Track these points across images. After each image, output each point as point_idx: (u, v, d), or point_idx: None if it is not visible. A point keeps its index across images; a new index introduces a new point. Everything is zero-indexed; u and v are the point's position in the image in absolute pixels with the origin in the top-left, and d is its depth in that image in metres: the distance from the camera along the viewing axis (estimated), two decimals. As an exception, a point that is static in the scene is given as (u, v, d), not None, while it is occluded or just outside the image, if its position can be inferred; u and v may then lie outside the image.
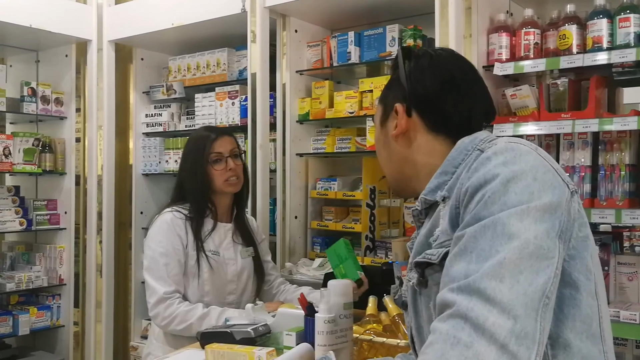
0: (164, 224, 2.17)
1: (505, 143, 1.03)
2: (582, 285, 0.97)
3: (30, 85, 3.54)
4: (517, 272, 0.87)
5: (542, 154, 1.02)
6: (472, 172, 1.01)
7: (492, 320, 0.84)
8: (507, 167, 0.96)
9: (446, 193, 1.07)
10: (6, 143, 3.42)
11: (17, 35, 3.48)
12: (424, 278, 1.08)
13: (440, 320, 0.90)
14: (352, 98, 2.87)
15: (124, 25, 3.49)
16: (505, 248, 0.89)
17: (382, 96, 1.28)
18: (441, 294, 0.93)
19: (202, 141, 2.26)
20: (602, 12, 2.10)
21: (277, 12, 2.97)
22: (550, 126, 2.13)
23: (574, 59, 2.11)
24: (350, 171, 3.17)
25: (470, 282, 0.88)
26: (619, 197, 2.06)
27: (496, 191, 0.94)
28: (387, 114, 1.23)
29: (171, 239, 2.13)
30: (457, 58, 1.25)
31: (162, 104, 3.63)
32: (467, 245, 0.93)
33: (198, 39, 3.40)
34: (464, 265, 0.91)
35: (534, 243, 0.90)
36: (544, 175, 0.96)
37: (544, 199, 0.94)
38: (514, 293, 0.86)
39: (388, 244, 2.81)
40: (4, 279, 3.46)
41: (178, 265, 2.12)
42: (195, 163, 2.24)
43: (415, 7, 2.77)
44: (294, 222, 3.04)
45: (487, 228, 0.91)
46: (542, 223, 0.92)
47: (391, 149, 1.23)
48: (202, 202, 2.24)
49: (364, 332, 1.65)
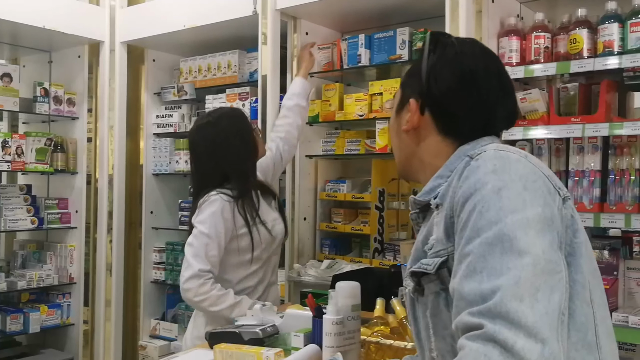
0: (210, 206, 2.18)
1: (494, 151, 1.02)
2: (575, 294, 0.96)
3: (43, 86, 3.58)
4: (534, 289, 0.86)
5: (532, 160, 1.01)
6: (463, 180, 1.00)
7: (521, 344, 0.83)
8: (497, 175, 0.96)
9: (439, 200, 1.07)
10: (19, 142, 3.45)
11: (30, 36, 3.52)
12: (420, 287, 1.08)
13: (469, 339, 0.88)
14: (362, 101, 2.87)
15: (136, 26, 3.52)
16: (518, 265, 0.87)
17: (403, 82, 1.25)
18: (462, 318, 0.91)
19: (242, 114, 2.36)
20: (613, 17, 2.10)
21: (288, 15, 2.98)
22: (560, 130, 2.13)
23: (585, 63, 2.11)
24: (360, 173, 3.18)
25: (492, 306, 0.87)
26: (628, 201, 2.05)
27: (489, 199, 0.93)
28: (403, 104, 1.21)
29: (215, 223, 2.15)
30: (486, 54, 1.19)
31: (173, 105, 3.65)
32: (476, 265, 0.91)
33: (209, 41, 3.42)
34: (476, 285, 0.90)
35: (543, 258, 0.89)
36: (534, 184, 0.96)
37: (537, 208, 0.93)
38: (537, 314, 0.85)
39: (396, 247, 2.81)
40: (15, 277, 3.50)
41: (217, 248, 2.15)
42: (245, 134, 2.28)
43: (426, 10, 2.77)
44: (303, 223, 3.05)
45: (494, 245, 0.90)
46: (544, 236, 0.91)
47: (401, 139, 1.22)
48: (252, 175, 2.30)
49: (371, 334, 1.66)
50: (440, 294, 1.04)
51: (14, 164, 3.42)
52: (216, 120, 2.31)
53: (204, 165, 2.29)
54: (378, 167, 2.93)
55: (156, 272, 3.68)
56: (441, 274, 1.03)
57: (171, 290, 3.67)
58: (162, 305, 3.74)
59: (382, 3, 2.78)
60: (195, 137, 2.34)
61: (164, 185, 3.76)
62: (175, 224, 3.62)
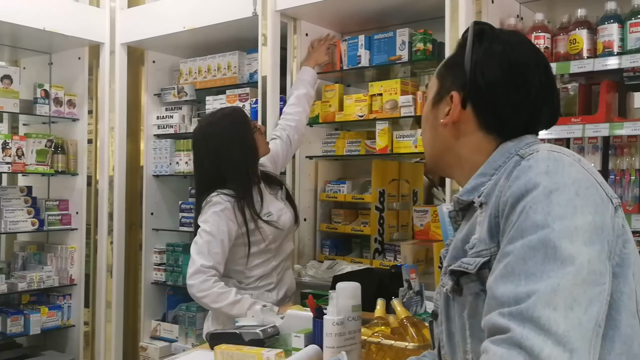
0: (213, 206, 2.23)
1: (547, 152, 0.98)
2: (623, 306, 0.93)
3: (43, 87, 3.58)
4: (571, 300, 0.84)
5: (586, 165, 0.97)
6: (513, 180, 0.96)
7: (548, 352, 0.82)
8: (549, 177, 0.92)
9: (483, 199, 1.03)
10: (19, 144, 3.45)
11: (30, 38, 3.52)
12: (458, 286, 1.05)
13: (494, 343, 0.87)
14: (362, 101, 2.88)
15: (136, 28, 3.52)
16: (559, 274, 0.85)
17: (440, 72, 1.19)
18: (491, 317, 0.89)
19: (242, 114, 2.38)
20: (613, 17, 2.10)
21: (288, 16, 2.99)
22: (560, 130, 2.13)
23: (585, 63, 2.11)
24: (360, 174, 3.18)
25: (523, 309, 0.85)
26: (629, 202, 2.05)
27: (538, 201, 0.90)
28: (442, 96, 1.15)
29: (217, 222, 2.21)
30: (535, 48, 1.14)
31: (173, 106, 3.65)
32: (514, 267, 0.89)
33: (209, 42, 3.43)
34: (511, 288, 0.87)
35: (587, 268, 0.86)
36: (587, 191, 0.92)
37: (588, 217, 0.89)
38: (570, 324, 0.83)
39: (397, 247, 2.81)
40: (15, 278, 3.50)
41: (220, 245, 2.21)
42: (243, 135, 2.29)
43: (426, 11, 2.78)
44: (303, 224, 3.05)
45: (537, 250, 0.87)
46: (593, 245, 0.88)
47: (437, 133, 1.16)
48: (252, 175, 2.31)
49: (372, 335, 1.65)
50: (480, 295, 1.01)
51: (14, 166, 3.42)
52: (217, 121, 2.34)
53: (205, 167, 2.33)
54: (378, 167, 2.93)
55: (157, 273, 3.68)
56: (482, 275, 0.99)
57: (172, 292, 3.67)
58: (162, 307, 3.74)
59: (382, 4, 2.79)
60: (196, 138, 2.38)
61: (165, 186, 3.76)
62: (175, 225, 3.62)
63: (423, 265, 2.67)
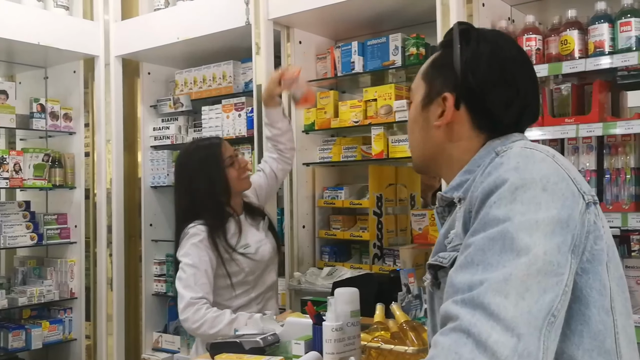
0: (191, 238, 2.23)
1: (520, 148, 1.00)
2: (592, 301, 0.94)
3: (39, 102, 3.59)
4: (524, 289, 0.85)
5: (560, 161, 0.98)
6: (485, 176, 0.98)
7: (495, 338, 0.83)
8: (518, 172, 0.94)
9: (462, 194, 1.05)
10: (16, 159, 3.46)
11: (25, 53, 3.54)
12: (437, 280, 1.07)
13: (442, 334, 0.88)
14: (357, 107, 2.89)
15: (130, 40, 3.53)
16: (513, 263, 0.87)
17: (426, 74, 1.18)
18: (445, 305, 0.91)
19: (213, 149, 2.31)
20: (603, 17, 2.11)
21: (281, 24, 3.00)
22: (554, 131, 2.14)
23: (576, 63, 2.13)
24: (357, 179, 3.18)
25: (475, 295, 0.87)
26: (625, 200, 2.06)
27: (503, 197, 0.92)
28: (432, 98, 1.15)
29: (197, 253, 2.20)
30: (520, 50, 1.16)
31: (170, 117, 3.66)
32: (473, 257, 0.91)
33: (204, 52, 3.44)
34: (468, 277, 0.90)
35: (543, 259, 0.87)
36: (555, 186, 0.93)
37: (552, 211, 0.90)
38: (519, 310, 0.84)
39: (396, 252, 2.82)
40: (16, 293, 3.50)
41: (205, 275, 2.18)
42: (212, 171, 2.27)
43: (418, 16, 2.80)
44: (302, 231, 3.05)
45: (495, 241, 0.89)
46: (553, 237, 0.89)
47: (428, 135, 1.16)
48: (224, 210, 2.29)
49: (372, 340, 1.66)
50: None
51: (12, 181, 3.43)
52: (192, 152, 2.37)
53: (180, 197, 2.37)
54: (375, 172, 2.94)
55: (157, 284, 3.68)
56: None
57: (172, 303, 3.66)
58: (164, 318, 3.73)
59: (374, 10, 2.80)
60: (175, 166, 2.45)
61: (163, 197, 3.76)
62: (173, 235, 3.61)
63: (422, 269, 2.67)
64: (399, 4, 2.72)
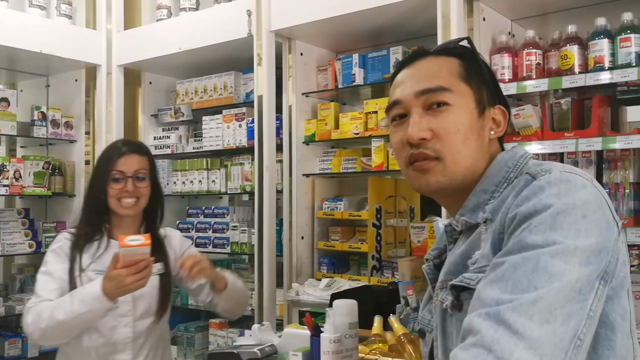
0: (53, 244, 2.05)
1: (560, 173, 0.97)
2: (618, 326, 0.93)
3: (40, 110, 3.60)
4: (549, 313, 0.84)
5: (597, 186, 0.97)
6: (523, 199, 0.95)
7: (518, 356, 0.81)
8: (559, 199, 0.92)
9: (489, 215, 1.02)
10: (17, 166, 3.46)
11: (27, 61, 3.55)
12: (459, 301, 1.03)
13: (462, 349, 0.86)
14: (357, 119, 2.90)
15: (132, 50, 3.55)
16: (545, 286, 0.85)
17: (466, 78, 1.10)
18: (468, 318, 0.89)
19: (109, 154, 2.05)
20: (603, 33, 2.13)
21: (283, 36, 3.02)
22: (553, 145, 2.14)
23: (576, 78, 2.14)
24: (356, 191, 3.19)
25: (500, 311, 0.85)
26: (624, 215, 2.06)
27: (544, 221, 0.90)
28: (484, 106, 1.10)
29: (53, 257, 2.00)
30: None
31: (170, 126, 3.67)
32: (505, 273, 0.89)
33: (205, 63, 3.45)
34: (497, 292, 0.88)
35: (573, 287, 0.86)
36: (594, 214, 0.91)
37: (591, 239, 0.89)
38: (544, 332, 0.83)
39: (395, 264, 2.81)
40: (13, 301, 3.49)
41: (58, 281, 1.94)
42: (97, 176, 2.04)
43: (418, 29, 2.81)
44: (301, 242, 3.05)
45: (529, 260, 0.88)
46: (588, 265, 0.88)
47: (484, 143, 1.10)
48: (95, 219, 2.03)
49: (369, 352, 1.65)
50: None
51: (11, 188, 3.43)
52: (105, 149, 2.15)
53: None
54: (374, 184, 2.94)
55: (155, 293, 3.66)
56: None
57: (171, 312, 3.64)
58: (161, 327, 3.71)
59: (375, 23, 2.82)
60: None
61: (162, 206, 3.75)
62: (173, 245, 3.61)
63: (421, 281, 2.66)
64: (400, 17, 2.73)
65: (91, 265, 1.97)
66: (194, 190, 3.53)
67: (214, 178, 3.44)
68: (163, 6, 3.57)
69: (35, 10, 3.39)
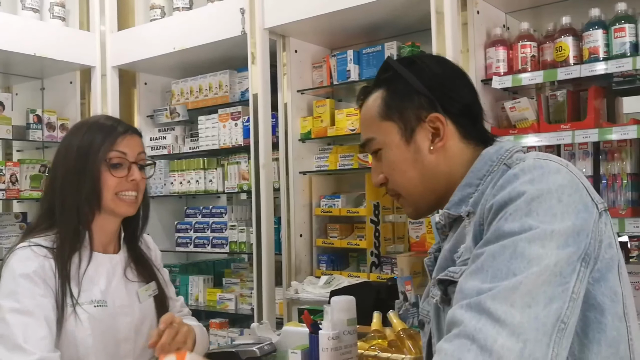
0: (19, 264, 1.44)
1: (534, 160, 0.98)
2: (607, 309, 0.93)
3: (35, 113, 3.59)
4: (530, 298, 0.85)
5: (573, 170, 0.98)
6: (498, 189, 0.97)
7: (501, 342, 0.82)
8: (533, 185, 0.93)
9: (471, 208, 1.04)
10: (13, 170, 3.45)
11: (22, 64, 3.53)
12: (447, 296, 1.05)
13: (447, 340, 0.88)
14: (353, 115, 2.89)
15: (127, 50, 3.54)
16: (524, 272, 0.86)
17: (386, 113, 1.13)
18: (452, 310, 0.91)
19: (103, 132, 1.54)
20: (597, 23, 2.12)
21: (277, 33, 3.01)
22: (550, 137, 2.14)
23: (571, 70, 2.13)
24: (354, 188, 3.18)
25: (481, 300, 0.86)
26: (621, 206, 2.06)
27: (519, 209, 0.91)
28: (412, 127, 1.11)
29: (29, 287, 1.41)
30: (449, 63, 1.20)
31: (166, 127, 3.66)
32: (484, 263, 0.90)
33: (200, 62, 3.44)
34: (477, 283, 0.89)
35: (552, 270, 0.87)
36: (570, 197, 0.92)
37: (567, 222, 0.90)
38: (525, 317, 0.84)
39: (393, 260, 2.81)
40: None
41: (45, 323, 1.40)
42: (83, 159, 1.51)
43: (412, 24, 2.80)
44: (299, 240, 3.04)
45: (507, 248, 0.89)
46: (566, 248, 0.88)
47: (425, 164, 1.12)
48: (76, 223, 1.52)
49: (368, 348, 1.65)
50: None
51: (8, 192, 3.42)
52: (71, 132, 1.61)
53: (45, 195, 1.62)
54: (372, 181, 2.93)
55: (154, 295, 3.66)
56: None
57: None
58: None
59: (369, 19, 2.81)
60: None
61: (160, 207, 3.75)
62: (172, 245, 3.62)
63: (420, 276, 2.66)
64: (394, 13, 2.73)
65: (82, 295, 1.48)
66: (191, 191, 3.52)
67: (211, 178, 3.44)
68: (156, 6, 3.56)
69: (28, 13, 3.38)
